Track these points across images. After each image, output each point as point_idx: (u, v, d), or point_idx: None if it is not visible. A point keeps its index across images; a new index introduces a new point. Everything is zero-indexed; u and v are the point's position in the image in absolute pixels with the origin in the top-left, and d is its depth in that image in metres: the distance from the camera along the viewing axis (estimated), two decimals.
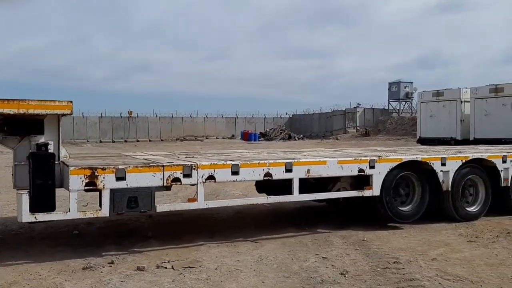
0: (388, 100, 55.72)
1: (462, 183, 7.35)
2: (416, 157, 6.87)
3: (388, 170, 6.61)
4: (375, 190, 6.51)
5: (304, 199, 6.25)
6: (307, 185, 6.81)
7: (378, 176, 6.53)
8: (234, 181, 5.57)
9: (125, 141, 50.16)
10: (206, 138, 54.30)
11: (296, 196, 5.98)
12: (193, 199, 5.35)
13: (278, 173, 5.81)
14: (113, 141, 49.69)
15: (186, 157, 6.55)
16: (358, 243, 5.89)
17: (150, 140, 51.58)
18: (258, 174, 5.67)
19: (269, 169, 5.73)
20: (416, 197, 7.03)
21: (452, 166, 7.13)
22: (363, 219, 7.13)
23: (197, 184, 5.31)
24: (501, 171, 7.61)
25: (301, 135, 53.73)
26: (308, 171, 6.00)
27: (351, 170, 6.34)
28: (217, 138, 54.88)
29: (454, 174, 7.20)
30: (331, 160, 6.21)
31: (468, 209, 7.48)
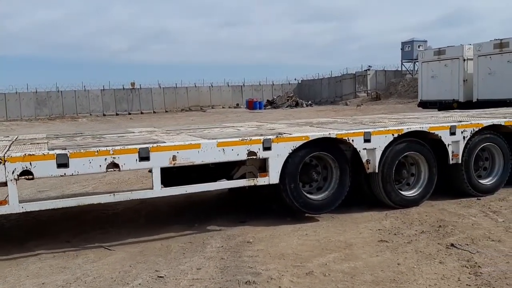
0: (401, 61, 53.11)
1: (396, 162, 5.99)
2: (329, 134, 5.53)
3: (290, 151, 5.30)
4: (273, 176, 5.24)
5: (168, 194, 5.02)
6: (207, 170, 5.66)
7: (276, 160, 5.24)
8: (62, 175, 4.37)
9: (129, 114, 49.40)
10: (212, 107, 53.08)
11: (157, 191, 4.77)
12: (4, 202, 4.19)
13: (129, 163, 4.59)
14: (117, 114, 49.00)
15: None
16: (236, 247, 4.69)
17: (154, 112, 50.71)
18: (98, 166, 4.46)
19: (113, 158, 4.51)
20: (333, 182, 5.74)
21: (380, 143, 5.77)
22: (277, 210, 5.91)
23: (6, 182, 4.15)
24: (448, 145, 6.20)
25: (309, 102, 51.98)
26: (174, 158, 4.76)
27: (238, 154, 5.06)
28: (223, 107, 53.57)
29: (384, 152, 5.85)
30: (207, 142, 4.94)
31: (405, 193, 6.15)
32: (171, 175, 5.75)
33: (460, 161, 6.29)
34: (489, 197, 6.45)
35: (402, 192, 6.14)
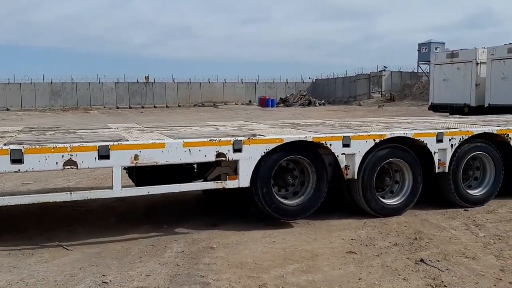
0: (418, 62, 52.27)
1: (378, 169, 5.73)
2: (305, 137, 5.29)
3: (263, 153, 5.09)
4: (243, 180, 5.04)
5: (128, 195, 4.86)
6: (183, 170, 5.51)
7: (247, 162, 5.03)
8: (16, 171, 4.24)
9: (142, 107, 49.66)
10: (225, 104, 53.00)
11: (117, 192, 4.61)
12: None
13: (87, 161, 4.43)
14: (130, 107, 49.30)
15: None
16: (196, 253, 4.51)
17: (167, 106, 50.85)
18: (54, 163, 4.32)
19: (71, 155, 4.36)
20: (309, 187, 5.51)
21: (360, 148, 5.51)
22: (254, 214, 5.70)
23: None
24: (434, 153, 5.91)
25: (323, 101, 51.50)
26: (136, 157, 4.59)
27: (205, 155, 4.87)
28: (236, 104, 53.46)
29: (365, 158, 5.59)
30: (172, 142, 4.75)
31: (387, 201, 5.89)
32: (144, 174, 5.62)
33: (447, 170, 5.99)
34: (478, 208, 6.14)
35: (384, 200, 5.88)
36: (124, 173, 5.20)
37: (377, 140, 5.60)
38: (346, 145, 5.45)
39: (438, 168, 5.97)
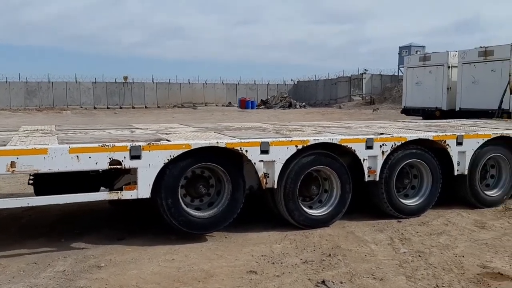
0: (398, 66, 52.35)
1: (302, 177, 5.30)
2: (217, 142, 4.83)
3: (167, 161, 4.62)
4: (143, 190, 4.56)
5: (3, 207, 4.36)
6: (89, 178, 5.03)
7: (147, 170, 4.56)
8: None
9: (120, 108, 48.83)
10: (205, 105, 52.43)
11: None
12: None
13: None
14: (108, 108, 48.44)
15: None
16: (78, 273, 4.02)
17: (146, 107, 50.07)
18: None
19: None
20: (224, 198, 5.06)
21: (280, 155, 5.08)
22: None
23: None
24: (364, 160, 5.51)
25: (304, 103, 51.21)
26: (13, 164, 4.08)
27: (97, 163, 4.38)
28: (216, 105, 52.92)
29: (287, 165, 5.16)
30: (56, 147, 4.26)
31: (313, 212, 5.46)
32: (45, 181, 5.12)
33: (377, 178, 5.59)
34: (412, 220, 5.76)
35: (311, 211, 5.46)
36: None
37: (300, 146, 5.17)
38: (265, 151, 5.01)
39: (368, 176, 5.57)
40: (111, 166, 4.43)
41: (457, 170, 6.05)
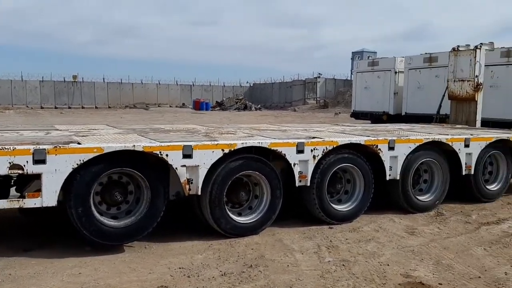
0: (351, 70, 53.34)
1: (229, 183, 5.05)
2: (133, 146, 4.49)
3: (76, 166, 4.24)
4: (48, 197, 4.16)
5: None
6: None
7: (54, 176, 4.16)
8: None
9: (69, 108, 47.06)
10: (158, 106, 51.38)
11: None
12: None
13: None
14: (56, 107, 46.54)
15: None
16: None
17: (96, 107, 48.53)
18: None
19: None
20: (143, 205, 4.72)
21: (205, 159, 4.80)
22: None
23: None
24: (294, 164, 5.32)
25: (259, 105, 51.25)
26: None
27: None
28: (170, 106, 52.00)
29: (213, 171, 4.89)
30: None
31: (242, 219, 5.23)
32: None
33: (309, 184, 5.43)
34: (344, 225, 5.63)
35: (239, 218, 5.22)
36: None
37: (226, 150, 4.92)
38: (187, 155, 4.72)
39: (300, 181, 5.40)
40: (11, 171, 4.01)
41: (389, 175, 5.99)
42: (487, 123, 16.64)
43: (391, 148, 5.94)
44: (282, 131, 6.62)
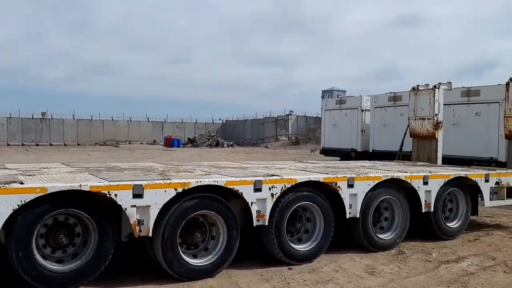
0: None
1: (183, 224, 4.88)
2: (80, 186, 4.29)
3: (17, 207, 4.01)
4: None
5: None
6: None
7: None
8: None
9: (37, 145, 45.99)
10: (129, 143, 50.85)
11: None
12: None
13: None
14: (23, 145, 45.38)
15: None
16: None
17: (65, 144, 47.59)
18: None
19: None
20: (89, 249, 4.50)
21: (156, 199, 4.65)
22: None
23: None
24: (252, 203, 5.21)
25: (231, 142, 51.26)
26: None
27: None
28: (141, 143, 51.53)
29: (167, 211, 4.73)
30: None
31: (196, 261, 5.04)
32: None
33: (267, 223, 5.31)
34: (304, 266, 5.49)
35: (193, 260, 5.02)
36: None
37: (180, 190, 4.78)
38: (138, 195, 4.56)
39: (257, 220, 5.27)
40: None
41: (349, 213, 5.93)
42: (451, 160, 17.05)
43: (350, 185, 5.91)
44: (242, 169, 6.53)
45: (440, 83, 9.98)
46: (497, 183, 7.31)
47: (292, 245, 5.60)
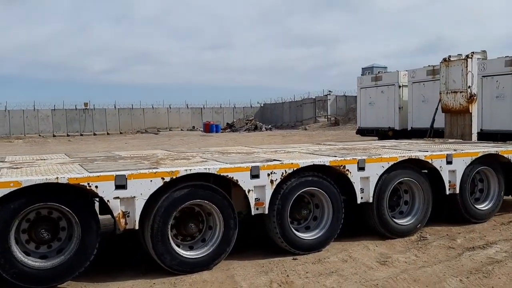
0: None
1: (174, 214, 4.59)
2: (57, 178, 4.07)
3: None
4: None
5: None
6: None
7: None
8: None
9: (81, 135, 47.53)
10: (170, 130, 51.56)
11: None
12: None
13: None
14: (68, 135, 47.01)
15: None
16: None
17: (108, 133, 48.87)
18: None
19: None
20: (73, 243, 4.29)
21: (143, 190, 4.38)
22: None
23: None
24: (249, 191, 4.86)
25: (270, 126, 50.92)
26: None
27: None
28: (182, 130, 52.12)
29: (156, 202, 4.47)
30: None
31: (191, 253, 4.76)
32: None
33: (267, 211, 4.94)
34: (310, 256, 5.10)
35: (189, 253, 4.75)
36: None
37: (167, 179, 4.48)
38: (121, 186, 4.30)
39: (257, 209, 4.91)
40: None
41: (361, 198, 5.45)
42: (495, 136, 15.86)
43: (361, 168, 5.42)
44: (247, 154, 6.16)
45: (473, 52, 9.14)
46: None
47: (297, 233, 5.21)
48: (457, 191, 6.01)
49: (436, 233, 5.93)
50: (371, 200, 5.49)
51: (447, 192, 5.95)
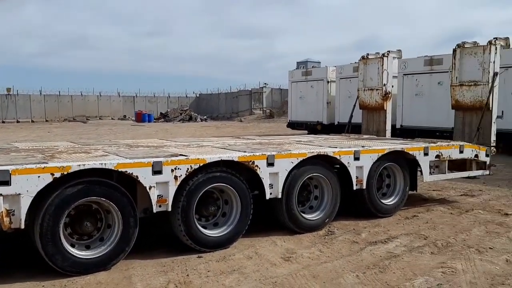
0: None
1: (66, 213, 4.29)
2: None
3: None
4: None
5: None
6: None
7: None
8: None
9: (3, 122, 44.45)
10: (100, 118, 49.60)
11: None
12: None
13: None
14: None
15: None
16: None
17: (33, 121, 46.12)
18: None
19: None
20: None
21: (29, 187, 4.04)
22: None
23: None
24: (150, 187, 4.65)
25: (205, 116, 50.41)
26: None
27: None
28: (112, 118, 50.32)
29: (45, 200, 4.16)
30: None
31: (86, 254, 4.47)
32: None
33: (170, 209, 4.77)
34: (215, 254, 5.00)
35: (84, 253, 4.47)
36: None
37: (58, 174, 4.17)
38: (3, 182, 3.94)
39: (159, 206, 4.73)
40: None
41: (270, 194, 5.43)
42: (413, 132, 16.65)
43: (270, 164, 5.39)
44: (156, 148, 5.94)
45: (389, 51, 9.46)
46: (437, 156, 6.89)
47: (204, 230, 5.09)
48: (364, 186, 6.17)
49: (344, 227, 6.07)
50: (280, 196, 5.49)
51: (354, 188, 6.10)
